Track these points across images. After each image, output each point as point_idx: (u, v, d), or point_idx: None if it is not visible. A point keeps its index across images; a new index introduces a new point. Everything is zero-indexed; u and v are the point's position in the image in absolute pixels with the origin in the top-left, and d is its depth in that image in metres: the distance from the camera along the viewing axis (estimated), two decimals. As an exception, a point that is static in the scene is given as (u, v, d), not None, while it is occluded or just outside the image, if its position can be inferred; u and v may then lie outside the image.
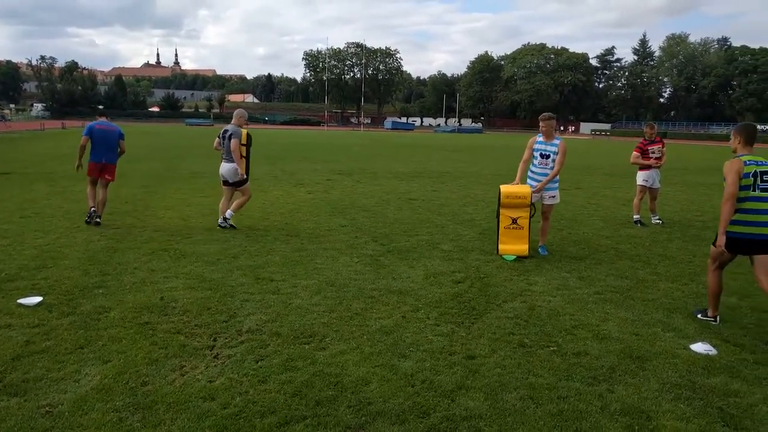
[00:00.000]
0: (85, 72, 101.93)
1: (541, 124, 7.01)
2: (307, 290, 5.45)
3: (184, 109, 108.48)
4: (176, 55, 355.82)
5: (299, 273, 6.04)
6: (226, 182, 8.33)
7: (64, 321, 4.48)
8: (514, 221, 6.98)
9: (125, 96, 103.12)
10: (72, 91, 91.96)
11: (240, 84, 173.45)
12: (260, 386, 3.52)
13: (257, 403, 3.31)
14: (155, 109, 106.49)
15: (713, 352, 4.20)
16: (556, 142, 6.99)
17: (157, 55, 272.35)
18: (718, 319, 4.86)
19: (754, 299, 5.49)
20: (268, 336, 4.31)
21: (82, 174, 8.57)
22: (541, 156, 7.02)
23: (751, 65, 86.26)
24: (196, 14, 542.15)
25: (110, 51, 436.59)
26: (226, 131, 8.27)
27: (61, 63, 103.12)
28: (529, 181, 7.17)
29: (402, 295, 5.41)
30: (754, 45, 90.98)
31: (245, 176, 8.32)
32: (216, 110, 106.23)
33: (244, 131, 8.39)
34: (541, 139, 7.04)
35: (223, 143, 8.27)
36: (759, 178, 4.57)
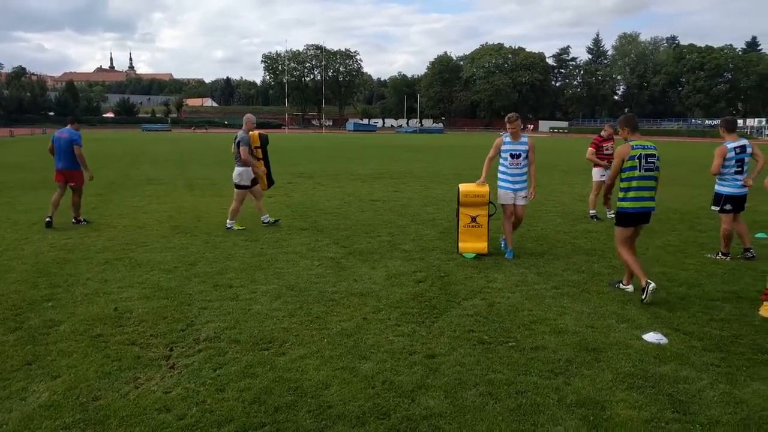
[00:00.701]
0: (33, 78, 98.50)
1: (508, 125, 7.03)
2: (267, 295, 5.39)
3: (140, 115, 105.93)
4: (131, 59, 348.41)
5: (259, 278, 5.96)
6: (237, 185, 8.58)
7: (10, 337, 4.30)
8: (473, 219, 7.06)
9: (77, 102, 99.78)
10: (20, 98, 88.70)
11: (198, 88, 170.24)
12: (218, 395, 3.45)
13: (215, 413, 3.25)
14: (110, 114, 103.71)
15: (664, 341, 4.33)
16: (524, 140, 7.06)
17: (111, 59, 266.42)
18: (647, 283, 5.18)
19: (701, 288, 5.70)
20: (227, 343, 4.24)
21: (31, 184, 8.33)
22: (512, 156, 7.04)
23: (698, 63, 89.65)
24: (151, 17, 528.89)
25: (60, 55, 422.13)
26: (235, 138, 8.62)
27: (8, 68, 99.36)
28: (503, 183, 7.08)
29: (363, 296, 5.40)
30: (701, 43, 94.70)
31: (266, 179, 8.93)
32: (174, 115, 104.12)
33: (255, 133, 8.78)
34: (508, 139, 7.09)
35: (235, 150, 8.60)
36: (644, 160, 5.38)
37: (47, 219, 8.60)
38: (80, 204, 9.12)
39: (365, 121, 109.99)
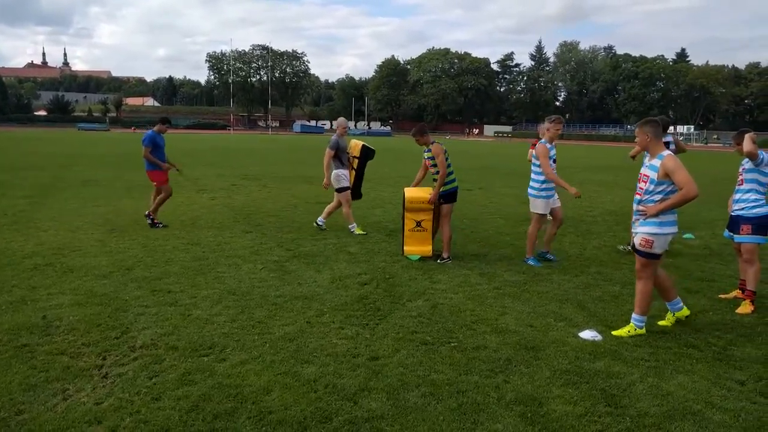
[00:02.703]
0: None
1: (554, 126, 7.09)
2: (208, 300, 5.25)
3: (76, 113, 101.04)
4: (65, 54, 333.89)
5: (199, 283, 5.81)
6: (338, 189, 8.55)
7: (-76, 349, 4.01)
8: (418, 224, 7.14)
9: (6, 99, 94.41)
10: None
11: (139, 87, 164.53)
12: (153, 404, 3.34)
13: (149, 423, 3.13)
14: (42, 112, 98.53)
15: (599, 338, 4.50)
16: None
17: (43, 54, 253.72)
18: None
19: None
20: (164, 350, 4.10)
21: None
22: (554, 162, 7.18)
23: (633, 71, 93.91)
24: (87, 11, 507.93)
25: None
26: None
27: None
28: (548, 192, 7.07)
29: (307, 300, 5.35)
30: (636, 53, 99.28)
31: (354, 191, 8.73)
32: (112, 114, 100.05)
33: (358, 143, 8.63)
34: (549, 144, 7.09)
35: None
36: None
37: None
38: (161, 204, 8.97)
39: (313, 123, 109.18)
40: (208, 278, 5.99)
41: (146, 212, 8.94)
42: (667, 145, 7.12)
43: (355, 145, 8.64)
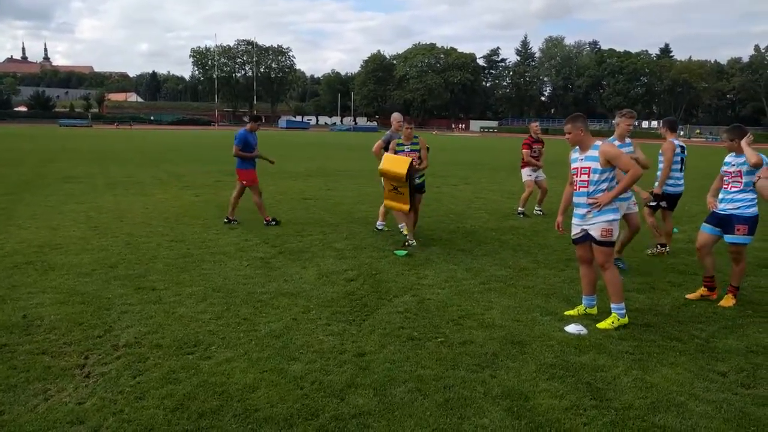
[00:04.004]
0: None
1: (625, 120, 6.52)
2: (192, 298, 5.20)
3: (57, 109, 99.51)
4: (46, 50, 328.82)
5: (184, 280, 5.75)
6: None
7: None
8: (395, 188, 7.40)
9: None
10: None
11: (122, 82, 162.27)
12: (137, 403, 3.29)
13: (133, 422, 3.09)
14: (22, 108, 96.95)
15: (584, 332, 4.53)
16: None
17: (23, 49, 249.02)
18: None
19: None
20: (148, 349, 4.06)
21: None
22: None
23: (618, 67, 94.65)
24: (69, 6, 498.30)
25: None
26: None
27: None
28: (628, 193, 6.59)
29: (293, 296, 5.32)
30: (620, 48, 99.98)
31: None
32: (95, 110, 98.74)
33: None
34: (618, 142, 6.55)
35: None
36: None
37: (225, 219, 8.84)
38: (261, 204, 8.85)
39: (298, 118, 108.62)
40: (193, 275, 5.93)
41: (265, 218, 8.78)
42: (683, 148, 7.05)
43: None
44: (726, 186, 5.34)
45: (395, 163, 7.28)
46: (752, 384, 3.69)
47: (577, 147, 4.77)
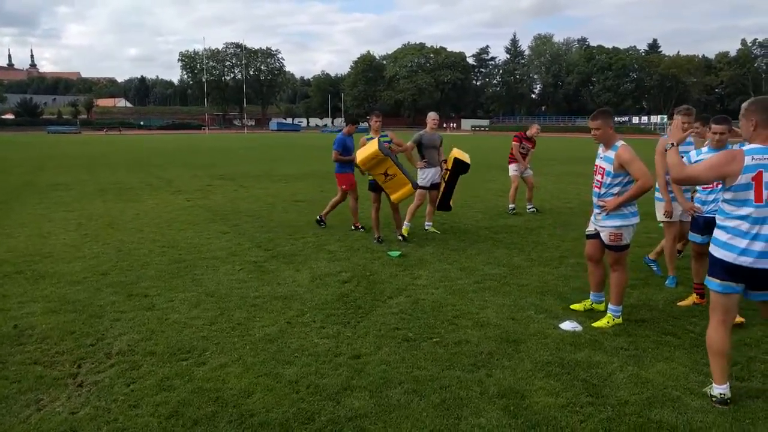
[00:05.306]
0: None
1: (686, 119, 5.46)
2: (185, 303, 5.17)
3: (45, 116, 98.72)
4: (32, 56, 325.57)
5: (176, 286, 5.71)
6: (423, 186, 8.23)
7: None
8: (386, 174, 7.31)
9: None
10: None
11: (110, 87, 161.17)
12: (131, 411, 3.26)
13: (127, 431, 3.07)
14: (9, 116, 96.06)
15: (579, 329, 4.53)
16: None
17: (9, 56, 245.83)
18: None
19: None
20: (142, 356, 4.02)
21: None
22: None
23: (607, 63, 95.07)
24: (55, 11, 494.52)
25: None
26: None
27: None
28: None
29: (287, 300, 5.29)
30: (609, 45, 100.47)
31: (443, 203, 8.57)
32: (83, 116, 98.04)
33: (452, 155, 8.29)
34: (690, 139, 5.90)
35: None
36: None
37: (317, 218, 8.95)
38: (356, 208, 8.67)
39: (289, 120, 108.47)
40: (186, 281, 5.89)
41: (354, 224, 8.69)
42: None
43: (450, 157, 8.34)
44: (708, 186, 4.88)
45: (366, 149, 7.33)
46: (746, 377, 3.71)
47: (602, 143, 4.56)
